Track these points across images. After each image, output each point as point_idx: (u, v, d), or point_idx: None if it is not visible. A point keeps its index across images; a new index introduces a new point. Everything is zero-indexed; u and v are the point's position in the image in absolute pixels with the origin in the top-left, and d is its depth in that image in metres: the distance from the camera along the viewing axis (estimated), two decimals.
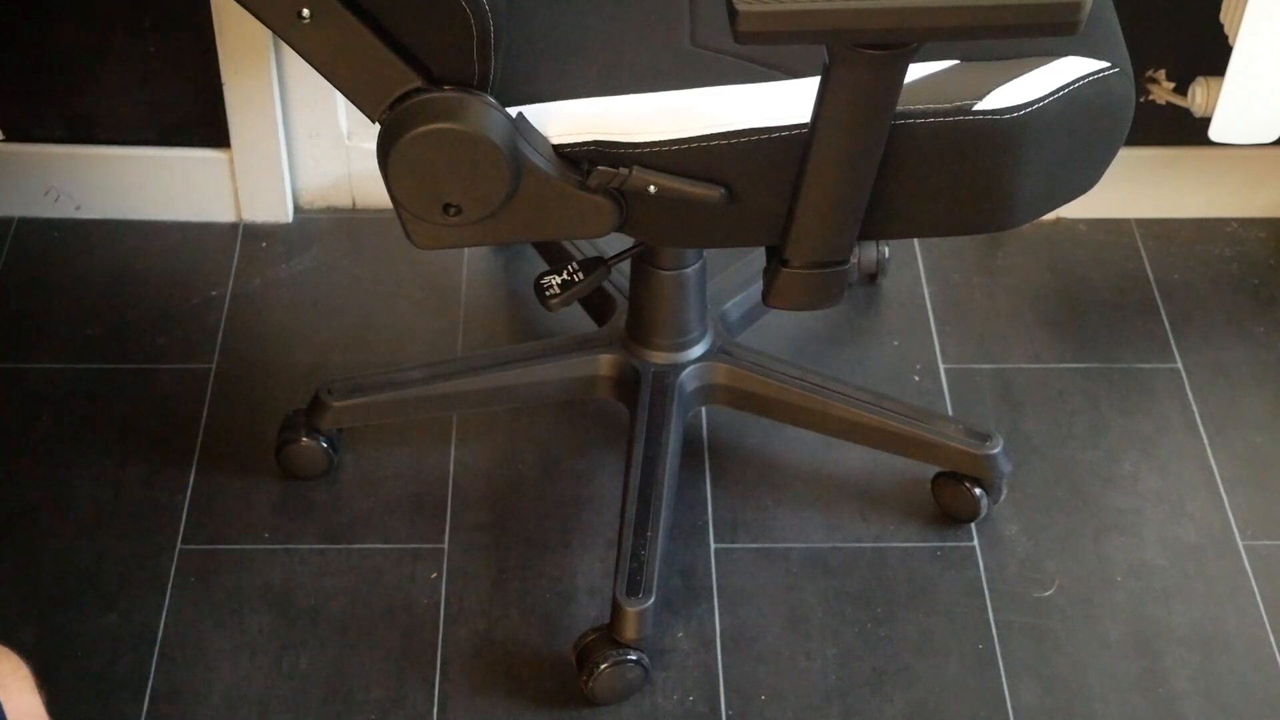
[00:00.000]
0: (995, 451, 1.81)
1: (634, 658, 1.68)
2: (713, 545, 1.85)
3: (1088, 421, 1.98)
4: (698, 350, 1.83)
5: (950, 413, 1.98)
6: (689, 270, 1.77)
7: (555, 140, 1.44)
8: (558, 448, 1.94)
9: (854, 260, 1.51)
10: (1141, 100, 2.07)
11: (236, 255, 2.14)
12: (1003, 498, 1.88)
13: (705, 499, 1.89)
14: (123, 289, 2.10)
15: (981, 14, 1.23)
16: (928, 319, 2.09)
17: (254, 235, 2.17)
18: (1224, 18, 1.93)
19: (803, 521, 1.87)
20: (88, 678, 1.71)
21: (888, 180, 1.43)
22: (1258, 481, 1.93)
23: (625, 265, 1.77)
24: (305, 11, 1.33)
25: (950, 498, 1.87)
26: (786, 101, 1.42)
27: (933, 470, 1.87)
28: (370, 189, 2.19)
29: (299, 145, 2.15)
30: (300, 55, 1.37)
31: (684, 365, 1.83)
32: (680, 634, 1.77)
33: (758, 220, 1.47)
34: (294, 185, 2.19)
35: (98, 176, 2.16)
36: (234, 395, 1.98)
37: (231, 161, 2.14)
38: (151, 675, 1.72)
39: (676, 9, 1.54)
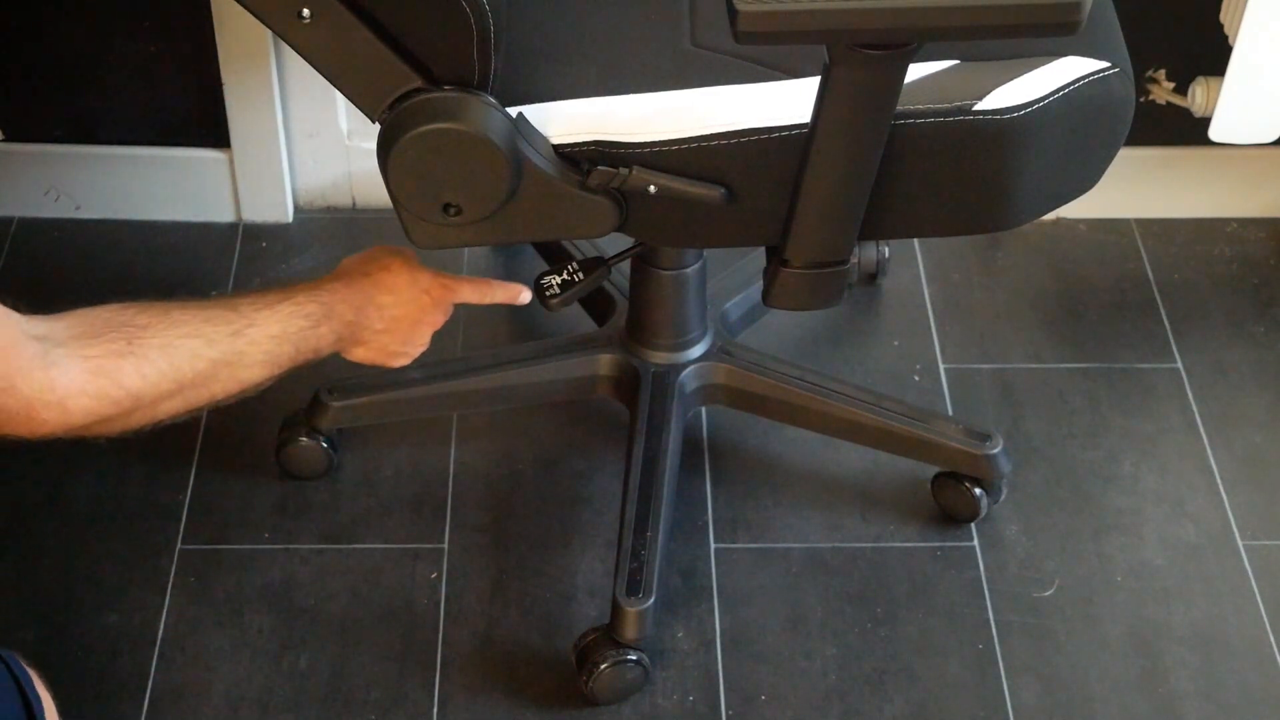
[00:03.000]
0: (995, 451, 1.81)
1: (634, 658, 1.68)
2: (713, 545, 1.85)
3: (1088, 421, 1.98)
4: (698, 350, 1.83)
5: (950, 413, 1.98)
6: (689, 270, 1.77)
7: (555, 140, 1.44)
8: (558, 448, 1.94)
9: (854, 260, 1.51)
10: (1141, 100, 2.07)
11: (236, 255, 2.15)
12: (1003, 498, 1.88)
13: (705, 499, 1.89)
14: (123, 289, 2.09)
15: (981, 14, 1.23)
16: (928, 319, 2.09)
17: (254, 235, 2.17)
18: (1224, 18, 1.93)
19: (803, 521, 1.87)
20: (88, 678, 1.71)
21: (888, 180, 1.43)
22: (1258, 481, 1.93)
23: (625, 265, 1.77)
24: (305, 11, 1.33)
25: (950, 498, 1.87)
26: (786, 101, 1.42)
27: (933, 470, 1.87)
28: (370, 189, 2.19)
29: (299, 145, 2.15)
30: (300, 55, 1.37)
31: (684, 365, 1.83)
32: (680, 634, 1.77)
33: (758, 220, 1.47)
34: (294, 185, 2.19)
35: (98, 176, 2.16)
36: None
37: (231, 161, 2.14)
38: (151, 675, 1.72)
39: (676, 9, 1.54)
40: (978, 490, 1.84)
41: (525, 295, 1.66)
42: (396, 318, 1.58)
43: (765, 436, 1.95)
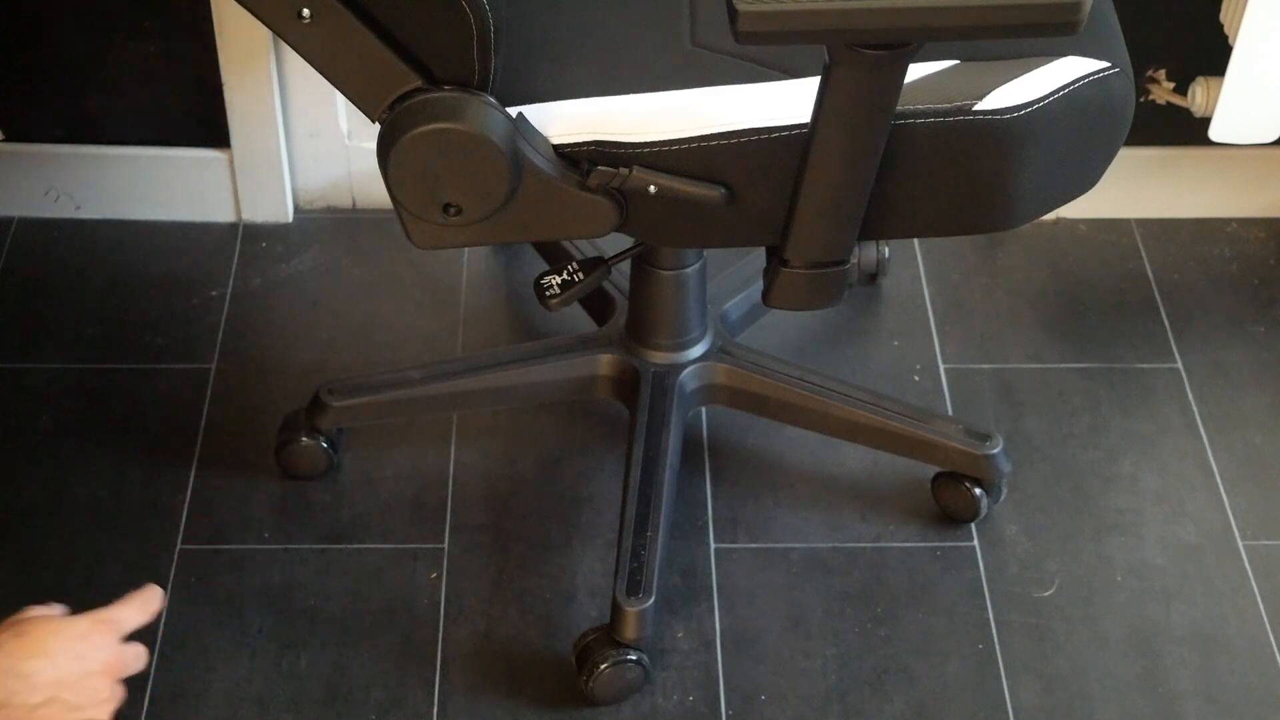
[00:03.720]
0: (995, 451, 1.81)
1: (634, 658, 1.68)
2: (713, 545, 1.85)
3: (1088, 421, 1.98)
4: (698, 350, 1.83)
5: (950, 413, 1.98)
6: (689, 270, 1.77)
7: (555, 140, 1.44)
8: (558, 448, 1.94)
9: (854, 260, 1.51)
10: (1141, 100, 2.07)
11: (236, 255, 2.15)
12: (1003, 498, 1.87)
13: (705, 499, 1.89)
14: (123, 289, 2.10)
15: (981, 14, 1.23)
16: (928, 319, 2.09)
17: (254, 235, 2.17)
18: (1224, 18, 1.93)
19: (803, 521, 1.87)
20: None
21: (888, 180, 1.43)
22: (1258, 481, 1.93)
23: (625, 265, 1.77)
24: (305, 11, 1.33)
25: (950, 498, 1.87)
26: (786, 101, 1.43)
27: (933, 470, 1.87)
28: (370, 189, 2.19)
29: (299, 145, 2.15)
30: (300, 55, 1.37)
31: (684, 365, 1.83)
32: (680, 634, 1.77)
33: (758, 220, 1.47)
34: (294, 185, 2.19)
35: (98, 176, 2.16)
36: (234, 395, 1.98)
37: (231, 161, 2.14)
38: (151, 675, 1.72)
39: (676, 9, 1.54)
40: (978, 490, 1.84)
41: (157, 599, 1.37)
42: (57, 680, 1.27)
43: (765, 436, 1.95)
